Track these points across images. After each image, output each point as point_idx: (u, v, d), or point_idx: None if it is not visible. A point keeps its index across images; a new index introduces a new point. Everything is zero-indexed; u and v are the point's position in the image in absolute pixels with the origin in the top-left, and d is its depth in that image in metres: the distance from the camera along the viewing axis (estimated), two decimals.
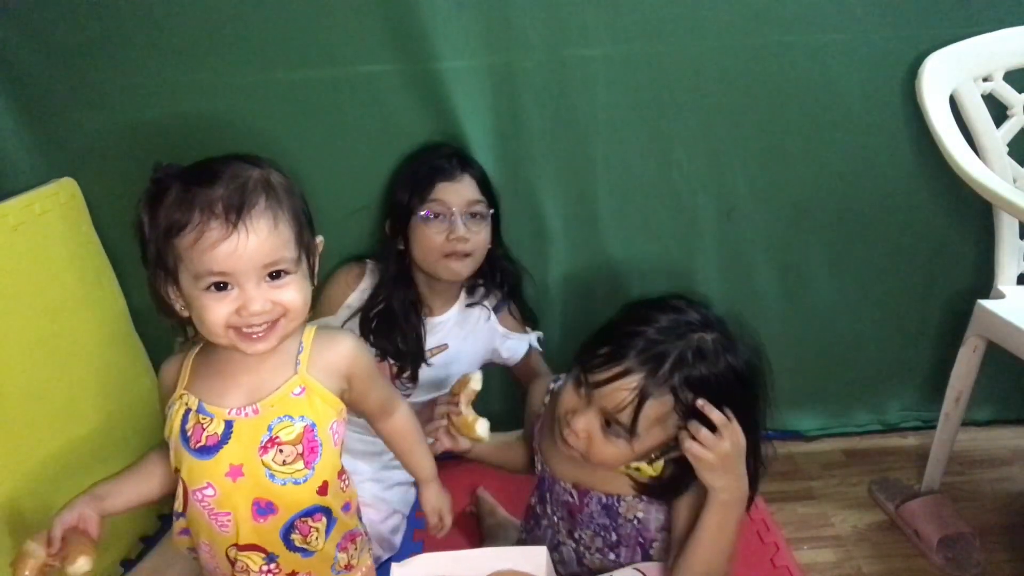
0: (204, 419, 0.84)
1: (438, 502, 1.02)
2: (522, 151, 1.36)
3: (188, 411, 0.85)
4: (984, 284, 1.41)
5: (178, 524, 0.91)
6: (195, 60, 1.27)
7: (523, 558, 0.98)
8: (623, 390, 0.91)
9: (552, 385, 1.12)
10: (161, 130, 1.31)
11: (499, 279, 1.37)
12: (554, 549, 1.10)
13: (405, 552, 1.26)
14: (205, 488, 0.84)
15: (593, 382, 0.94)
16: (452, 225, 1.24)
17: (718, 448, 0.91)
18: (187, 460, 0.84)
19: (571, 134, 1.35)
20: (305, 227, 0.84)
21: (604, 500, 1.04)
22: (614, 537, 1.05)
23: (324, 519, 0.89)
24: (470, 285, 1.36)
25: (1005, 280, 1.38)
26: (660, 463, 0.99)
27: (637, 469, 0.99)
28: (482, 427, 1.05)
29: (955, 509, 1.36)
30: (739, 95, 1.34)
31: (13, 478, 1.11)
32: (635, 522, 1.03)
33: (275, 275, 0.81)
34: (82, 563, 0.82)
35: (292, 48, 1.27)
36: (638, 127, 1.35)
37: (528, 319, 1.41)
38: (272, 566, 0.88)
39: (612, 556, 1.06)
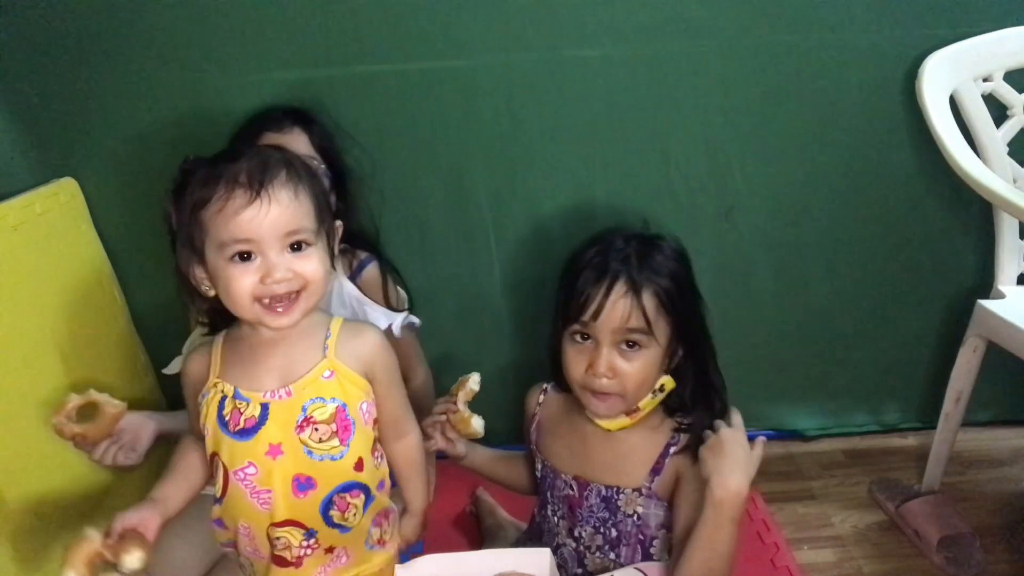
0: (241, 404, 0.88)
1: (412, 535, 1.03)
2: (522, 151, 1.37)
3: (224, 397, 0.89)
4: (984, 284, 1.41)
5: (214, 511, 0.93)
6: (195, 60, 1.27)
7: (526, 559, 0.98)
8: (620, 297, 0.97)
9: (546, 385, 1.15)
10: (161, 130, 1.31)
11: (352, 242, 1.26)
12: (554, 552, 1.10)
13: (405, 553, 1.26)
14: (247, 467, 0.87)
15: (593, 313, 0.97)
16: None
17: (721, 431, 0.97)
18: (227, 443, 0.88)
19: (571, 134, 1.35)
20: (325, 207, 0.89)
21: (604, 492, 1.05)
22: (614, 533, 1.05)
23: (362, 495, 0.92)
24: None
25: (1005, 280, 1.38)
26: (668, 378, 1.03)
27: (662, 388, 1.02)
28: (477, 422, 1.06)
29: (955, 509, 1.36)
30: (739, 95, 1.34)
31: (13, 478, 1.11)
32: (635, 518, 1.04)
33: (296, 247, 0.84)
34: (137, 556, 0.83)
35: (292, 48, 1.27)
36: (638, 127, 1.35)
37: (394, 296, 1.28)
38: (312, 541, 0.90)
39: (612, 555, 1.06)
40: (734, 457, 0.95)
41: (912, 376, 1.60)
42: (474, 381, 1.07)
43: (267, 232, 0.82)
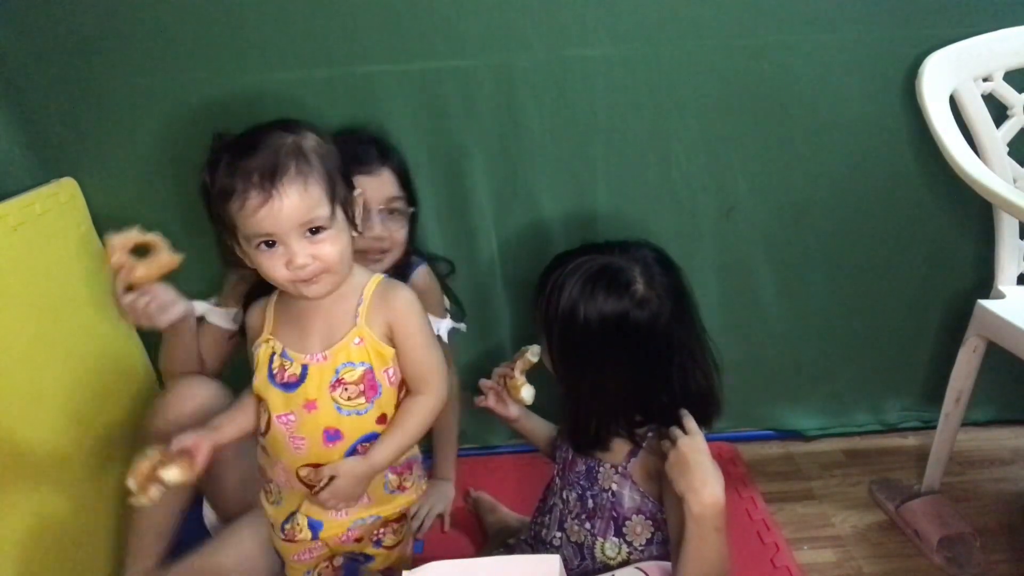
0: (286, 362, 1.00)
1: (335, 485, 0.98)
2: (522, 151, 1.37)
3: (274, 353, 1.01)
4: (984, 284, 1.41)
5: (260, 441, 1.06)
6: (195, 60, 1.27)
7: (535, 567, 0.97)
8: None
9: None
10: (161, 130, 1.32)
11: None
12: (548, 511, 1.16)
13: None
14: (289, 415, 1.00)
15: None
16: (368, 222, 1.18)
17: (679, 443, 0.97)
18: (274, 392, 1.00)
19: (571, 134, 1.35)
20: (338, 183, 0.96)
21: (589, 462, 1.10)
22: (591, 504, 1.09)
23: None
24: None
25: (1005, 280, 1.38)
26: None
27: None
28: (527, 392, 1.14)
29: (955, 509, 1.36)
30: (739, 95, 1.34)
31: (13, 478, 1.11)
32: (609, 493, 1.06)
33: (315, 231, 0.93)
34: (174, 472, 0.94)
35: (292, 48, 1.27)
36: (638, 127, 1.35)
37: (452, 305, 1.39)
38: None
39: (588, 526, 1.09)
40: (701, 468, 0.95)
41: (912, 376, 1.60)
42: (532, 352, 1.14)
43: (283, 225, 0.91)
